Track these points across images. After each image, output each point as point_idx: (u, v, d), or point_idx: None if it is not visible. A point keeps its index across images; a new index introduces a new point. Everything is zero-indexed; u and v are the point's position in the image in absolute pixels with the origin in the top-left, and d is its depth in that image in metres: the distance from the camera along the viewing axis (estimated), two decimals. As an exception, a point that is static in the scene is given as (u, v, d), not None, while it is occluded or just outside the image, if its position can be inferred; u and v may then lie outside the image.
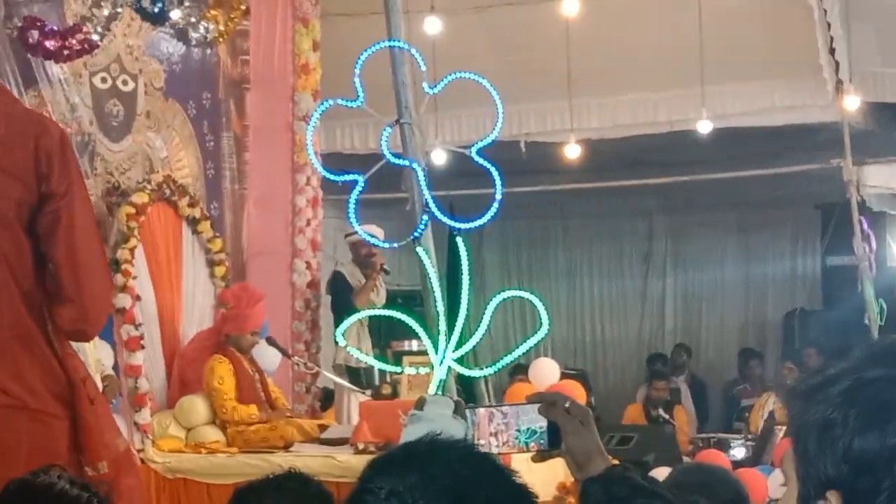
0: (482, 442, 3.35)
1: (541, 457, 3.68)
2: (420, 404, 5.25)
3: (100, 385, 6.06)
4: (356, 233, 8.39)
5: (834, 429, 1.61)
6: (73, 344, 4.82)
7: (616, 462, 3.16)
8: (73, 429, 4.05)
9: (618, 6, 9.58)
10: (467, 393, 7.02)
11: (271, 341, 8.46)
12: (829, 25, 9.80)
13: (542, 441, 3.63)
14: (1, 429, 3.88)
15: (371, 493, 1.75)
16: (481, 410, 4.03)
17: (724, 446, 10.57)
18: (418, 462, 1.79)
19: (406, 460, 1.82)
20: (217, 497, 6.78)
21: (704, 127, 10.54)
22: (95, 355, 7.45)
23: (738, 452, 10.22)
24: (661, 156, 12.13)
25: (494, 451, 2.99)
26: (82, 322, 4.17)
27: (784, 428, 9.22)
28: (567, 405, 3.10)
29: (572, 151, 10.88)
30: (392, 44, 5.87)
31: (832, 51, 9.93)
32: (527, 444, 3.96)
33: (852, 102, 10.21)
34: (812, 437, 1.64)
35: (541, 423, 3.39)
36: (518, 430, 4.06)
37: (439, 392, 6.37)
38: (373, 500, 1.74)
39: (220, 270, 8.98)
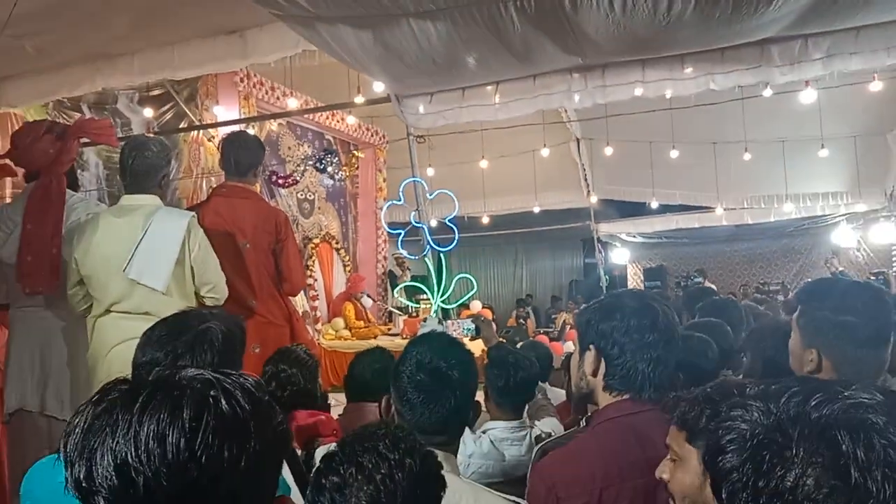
0: (450, 333, 4.15)
1: (471, 339, 5.16)
2: (425, 320, 6.66)
3: (300, 313, 5.08)
4: (400, 253, 8.87)
5: (590, 321, 1.69)
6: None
7: (502, 340, 3.41)
8: (291, 331, 3.65)
9: (501, 162, 9.61)
10: (444, 315, 6.92)
11: (369, 296, 8.92)
12: (583, 168, 10.70)
13: (472, 333, 5.27)
14: (264, 332, 3.46)
15: (409, 353, 1.79)
16: (449, 321, 5.34)
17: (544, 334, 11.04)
18: (428, 340, 1.84)
19: (422, 339, 1.87)
20: (347, 358, 6.41)
21: (536, 210, 11.20)
22: (300, 302, 7.81)
23: (552, 336, 10.55)
24: (520, 221, 12.11)
25: (455, 336, 3.26)
26: (291, 289, 3.74)
27: (570, 325, 9.92)
28: (482, 319, 3.61)
29: (486, 220, 11.41)
30: (414, 179, 5.85)
31: (586, 177, 10.87)
32: (467, 333, 4.99)
33: (594, 199, 11.22)
34: (583, 326, 1.71)
35: (472, 326, 4.59)
36: (463, 329, 5.01)
37: (434, 315, 6.53)
38: (409, 357, 1.78)
39: (348, 269, 9.53)
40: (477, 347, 5.45)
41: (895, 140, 9.22)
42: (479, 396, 1.92)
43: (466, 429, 2.02)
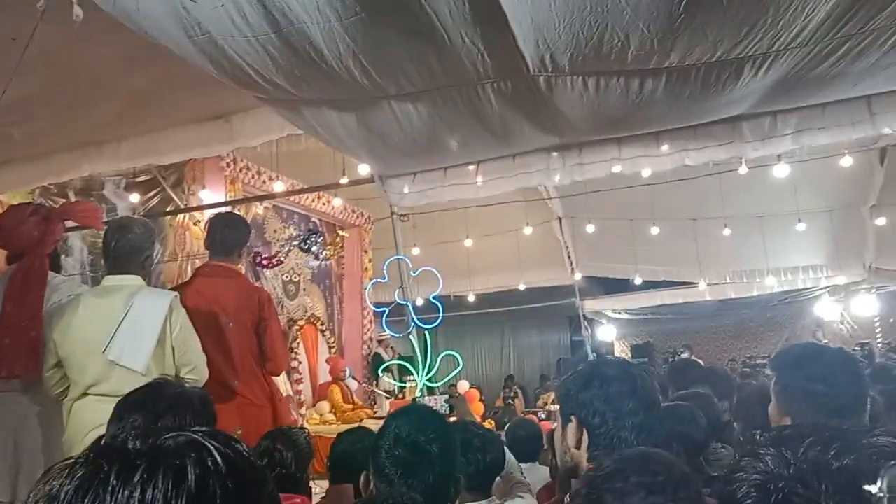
0: (430, 407, 4.43)
1: (447, 415, 5.15)
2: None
3: (284, 396, 5.28)
4: (383, 332, 8.95)
5: (570, 391, 1.66)
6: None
7: (491, 423, 3.81)
8: (273, 412, 3.62)
9: (486, 241, 9.79)
10: (429, 392, 6.48)
11: (354, 378, 8.84)
12: (567, 246, 10.83)
13: (447, 410, 5.32)
14: (246, 414, 3.43)
15: (388, 427, 1.78)
16: (428, 397, 5.83)
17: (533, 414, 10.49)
18: (407, 413, 1.84)
19: (402, 412, 1.85)
20: (329, 442, 6.02)
21: (522, 287, 11.23)
22: (282, 383, 7.19)
23: (541, 416, 10.05)
24: (506, 299, 12.06)
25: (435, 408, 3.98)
26: (274, 369, 3.72)
27: (556, 404, 9.61)
28: (456, 396, 4.15)
29: (472, 298, 11.55)
30: (399, 257, 5.70)
31: (569, 255, 10.96)
32: (443, 409, 4.86)
33: (577, 276, 11.28)
34: (563, 397, 1.70)
35: (446, 404, 4.91)
36: (441, 405, 5.01)
37: (420, 394, 6.37)
38: (388, 431, 1.75)
39: (332, 351, 9.35)
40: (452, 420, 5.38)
41: (870, 213, 9.44)
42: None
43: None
